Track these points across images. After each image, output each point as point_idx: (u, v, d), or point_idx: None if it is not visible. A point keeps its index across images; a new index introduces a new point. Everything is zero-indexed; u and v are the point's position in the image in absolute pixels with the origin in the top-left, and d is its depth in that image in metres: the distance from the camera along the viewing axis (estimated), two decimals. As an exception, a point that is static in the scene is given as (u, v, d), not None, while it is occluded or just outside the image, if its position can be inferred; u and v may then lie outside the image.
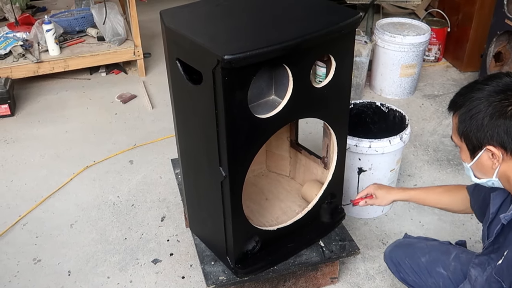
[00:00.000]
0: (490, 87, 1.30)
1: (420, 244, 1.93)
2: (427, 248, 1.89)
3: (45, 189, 2.90)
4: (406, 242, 1.99)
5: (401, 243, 1.99)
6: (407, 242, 1.98)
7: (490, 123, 1.28)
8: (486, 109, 1.28)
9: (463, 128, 1.35)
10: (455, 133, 1.40)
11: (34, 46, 3.90)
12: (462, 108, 1.34)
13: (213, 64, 1.47)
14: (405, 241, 1.99)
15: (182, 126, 1.94)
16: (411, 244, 1.95)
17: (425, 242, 1.94)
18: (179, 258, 2.43)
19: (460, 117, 1.35)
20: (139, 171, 3.05)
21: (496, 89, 1.29)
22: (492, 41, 3.55)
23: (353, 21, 1.72)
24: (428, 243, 1.92)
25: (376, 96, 3.84)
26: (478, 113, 1.30)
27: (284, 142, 2.38)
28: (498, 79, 1.32)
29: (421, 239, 1.98)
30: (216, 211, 1.85)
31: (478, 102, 1.30)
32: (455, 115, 1.39)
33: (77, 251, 2.49)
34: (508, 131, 1.27)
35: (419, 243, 1.94)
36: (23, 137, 3.40)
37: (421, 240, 1.96)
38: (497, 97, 1.28)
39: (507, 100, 1.27)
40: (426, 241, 1.95)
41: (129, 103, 3.80)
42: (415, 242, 1.95)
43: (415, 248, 1.91)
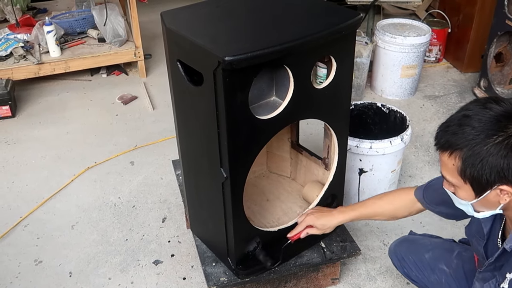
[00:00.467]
0: (488, 124, 1.22)
1: (424, 240, 1.95)
2: (430, 245, 1.91)
3: (46, 190, 2.90)
4: (410, 238, 2.01)
5: (405, 239, 2.01)
6: (412, 239, 2.00)
7: (505, 163, 1.21)
8: (497, 151, 1.21)
9: (471, 172, 1.26)
10: (453, 174, 1.31)
11: (35, 48, 3.90)
12: (464, 150, 1.24)
13: (214, 65, 1.47)
14: (410, 237, 2.01)
15: (183, 128, 1.94)
16: (416, 240, 1.98)
17: (429, 239, 1.96)
18: (180, 259, 2.43)
19: (465, 160, 1.25)
20: (140, 172, 3.05)
21: (497, 125, 1.21)
22: (492, 41, 3.55)
23: (353, 22, 1.72)
24: (432, 240, 1.95)
25: (377, 97, 3.84)
26: (488, 156, 1.21)
27: (285, 143, 2.38)
28: (489, 110, 1.24)
29: (425, 236, 1.99)
30: (217, 212, 1.85)
31: (483, 143, 1.22)
32: (451, 156, 1.28)
33: (78, 252, 2.49)
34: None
35: (423, 239, 1.96)
36: (24, 138, 3.40)
37: (425, 237, 1.98)
38: (502, 134, 1.20)
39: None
40: (430, 238, 1.97)
41: (130, 104, 3.80)
42: (419, 239, 1.97)
43: (419, 244, 1.93)
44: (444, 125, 1.32)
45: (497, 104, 1.24)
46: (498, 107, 1.24)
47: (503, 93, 3.56)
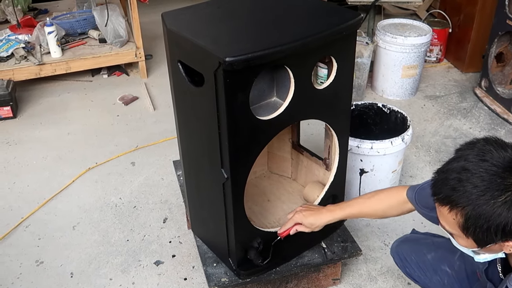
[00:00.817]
0: (490, 178, 1.16)
1: (427, 240, 1.91)
2: (433, 245, 1.87)
3: (47, 191, 2.90)
4: (413, 237, 1.98)
5: (408, 238, 1.98)
6: (414, 238, 1.97)
7: (510, 222, 1.16)
8: (500, 211, 1.15)
9: (475, 231, 1.21)
10: (453, 226, 1.26)
11: (36, 48, 3.91)
12: (466, 209, 1.19)
13: (214, 66, 1.47)
14: (412, 237, 1.99)
15: (184, 128, 1.94)
16: (418, 240, 1.95)
17: (431, 238, 1.92)
18: (181, 260, 2.43)
19: (469, 219, 1.20)
20: (141, 172, 3.05)
21: (502, 184, 1.15)
22: (493, 41, 3.55)
23: (354, 23, 1.72)
24: (434, 239, 1.90)
25: (378, 97, 3.84)
26: (497, 216, 1.16)
27: (286, 144, 2.39)
28: (489, 159, 1.18)
29: (427, 236, 1.96)
30: (218, 212, 1.85)
31: (487, 205, 1.16)
32: (452, 211, 1.23)
33: (80, 252, 2.49)
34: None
35: (425, 239, 1.92)
36: (25, 139, 3.41)
37: (428, 237, 1.94)
38: (505, 191, 1.15)
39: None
40: (433, 237, 1.92)
41: (131, 105, 3.80)
42: (422, 238, 1.94)
43: (422, 244, 1.91)
44: (442, 175, 1.25)
45: (496, 154, 1.18)
46: (498, 158, 1.18)
47: (504, 93, 3.56)
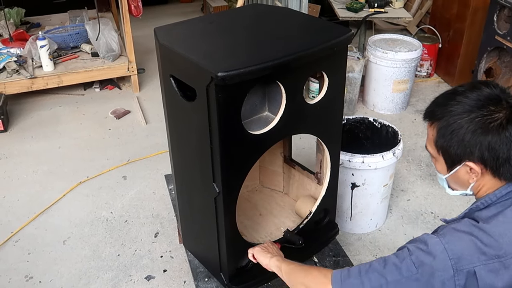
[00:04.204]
0: (470, 101, 1.27)
1: None
2: None
3: (37, 205, 2.88)
4: None
5: None
6: None
7: (472, 139, 1.25)
8: (467, 125, 1.25)
9: (442, 143, 1.31)
10: (431, 144, 1.37)
11: (28, 62, 3.90)
12: (441, 121, 1.30)
13: (207, 81, 1.48)
14: None
15: (176, 142, 1.94)
16: None
17: None
18: (173, 275, 2.41)
19: (439, 131, 1.31)
20: (133, 186, 3.04)
21: (477, 104, 1.26)
22: (482, 57, 3.59)
23: (345, 39, 1.74)
24: None
25: (369, 111, 3.87)
26: (459, 129, 1.26)
27: (278, 158, 2.39)
28: (478, 91, 1.28)
29: None
30: (210, 227, 1.85)
31: (458, 117, 1.26)
32: (432, 126, 1.35)
33: (70, 267, 2.47)
34: (490, 147, 1.24)
35: None
36: (16, 153, 3.39)
37: None
38: (479, 112, 1.25)
39: (490, 115, 1.24)
40: None
41: (122, 119, 3.80)
42: None
43: None
44: (437, 97, 1.37)
45: (487, 87, 1.28)
46: (487, 89, 1.28)
47: (494, 107, 3.59)
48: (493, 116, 1.24)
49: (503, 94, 1.28)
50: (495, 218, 1.27)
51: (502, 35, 3.36)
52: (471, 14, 3.86)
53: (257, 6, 2.40)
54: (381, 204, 2.61)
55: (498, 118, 1.24)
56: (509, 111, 1.25)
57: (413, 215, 2.78)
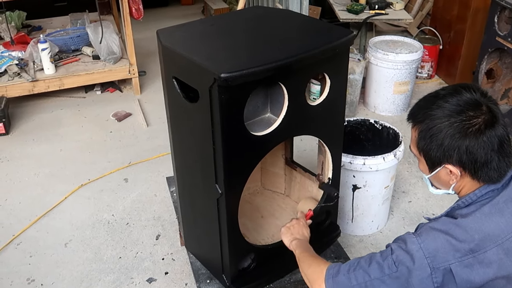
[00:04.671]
0: (450, 105, 1.29)
1: None
2: None
3: (39, 208, 2.88)
4: None
5: None
6: None
7: (451, 143, 1.28)
8: (446, 130, 1.28)
9: (422, 145, 1.35)
10: (414, 145, 1.41)
11: (29, 65, 3.91)
12: (422, 124, 1.34)
13: (210, 82, 1.48)
14: None
15: (178, 144, 1.94)
16: None
17: None
18: (174, 277, 2.41)
19: (420, 133, 1.35)
20: (134, 189, 3.04)
21: (457, 109, 1.28)
22: (483, 58, 3.59)
23: (346, 40, 1.75)
24: None
25: (370, 113, 3.87)
26: (438, 133, 1.30)
27: (279, 160, 2.39)
28: (458, 95, 1.30)
29: None
30: (212, 228, 1.85)
31: (438, 121, 1.30)
32: (414, 128, 1.39)
33: (71, 270, 2.47)
34: (468, 151, 1.27)
35: None
36: (18, 155, 3.39)
37: None
38: (458, 117, 1.27)
39: (468, 120, 1.27)
40: None
41: (124, 121, 3.80)
42: None
43: None
44: (420, 100, 1.40)
45: (467, 91, 1.31)
46: (467, 94, 1.30)
47: (495, 109, 3.59)
48: (471, 121, 1.27)
49: (483, 98, 1.31)
50: (472, 214, 1.31)
51: (503, 36, 3.36)
52: (472, 15, 3.86)
53: (258, 8, 2.41)
54: (382, 206, 2.61)
55: (476, 123, 1.27)
56: (488, 115, 1.27)
57: (415, 217, 2.78)
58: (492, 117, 1.28)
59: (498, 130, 1.27)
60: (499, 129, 1.28)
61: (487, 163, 1.29)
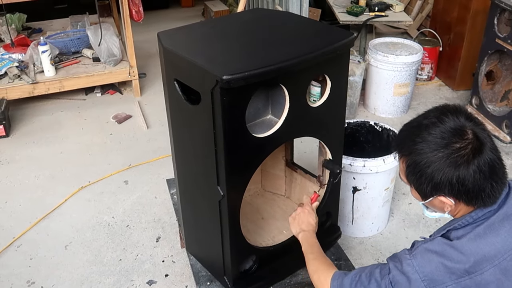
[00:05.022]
0: (435, 138, 1.26)
1: None
2: None
3: (39, 210, 2.88)
4: None
5: None
6: None
7: (441, 178, 1.25)
8: (434, 165, 1.25)
9: (412, 179, 1.33)
10: (403, 176, 1.38)
11: (30, 67, 3.91)
12: (409, 158, 1.31)
13: (211, 84, 1.48)
14: None
15: (179, 146, 1.94)
16: None
17: None
18: (174, 279, 2.41)
19: (408, 167, 1.32)
20: (134, 191, 3.04)
21: (442, 142, 1.25)
22: (483, 60, 3.60)
23: (347, 42, 1.75)
24: None
25: (370, 115, 3.87)
26: (426, 168, 1.27)
27: (280, 161, 2.39)
28: (442, 125, 1.26)
29: None
30: (214, 230, 1.85)
31: (425, 156, 1.26)
32: (401, 159, 1.36)
33: (72, 272, 2.47)
34: (460, 183, 1.24)
35: None
36: (18, 158, 3.39)
37: None
38: (444, 151, 1.24)
39: (456, 153, 1.23)
40: None
41: (124, 123, 3.80)
42: None
43: None
44: (403, 128, 1.38)
45: (450, 118, 1.27)
46: (450, 121, 1.27)
47: (495, 110, 3.60)
48: (459, 153, 1.23)
49: (468, 121, 1.27)
50: (467, 235, 1.29)
51: (502, 38, 3.36)
52: (472, 17, 3.87)
53: (258, 10, 2.41)
54: (382, 207, 2.61)
55: (464, 154, 1.23)
56: (475, 143, 1.24)
57: (415, 219, 2.78)
58: (479, 143, 1.24)
59: (487, 155, 1.24)
60: (488, 154, 1.24)
61: (480, 192, 1.26)
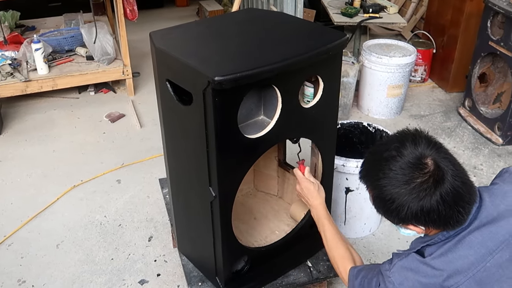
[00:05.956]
0: (396, 175, 1.27)
1: None
2: None
3: (31, 208, 2.87)
4: None
5: None
6: None
7: (407, 212, 1.27)
8: (398, 200, 1.27)
9: (380, 211, 1.36)
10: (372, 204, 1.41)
11: (23, 65, 3.89)
12: (374, 191, 1.34)
13: (203, 85, 1.48)
14: None
15: (171, 146, 1.94)
16: None
17: None
18: (166, 279, 2.41)
19: (374, 200, 1.36)
20: (127, 190, 3.03)
21: (403, 178, 1.26)
22: (476, 62, 3.62)
23: (340, 43, 1.75)
24: None
25: (364, 116, 3.88)
26: (391, 203, 1.29)
27: (272, 162, 2.39)
28: (401, 159, 1.28)
29: None
30: (206, 231, 1.85)
31: (388, 193, 1.28)
32: (367, 189, 1.39)
33: (63, 272, 2.46)
34: (425, 214, 1.26)
35: None
36: (10, 156, 3.37)
37: None
38: (406, 188, 1.26)
39: (419, 187, 1.25)
40: None
41: (117, 122, 3.79)
42: None
43: None
44: (368, 157, 1.40)
45: (409, 150, 1.29)
46: (408, 154, 1.28)
47: (487, 112, 3.62)
48: (421, 188, 1.25)
49: (428, 149, 1.28)
50: (439, 251, 1.33)
51: (495, 41, 3.38)
52: (465, 20, 3.89)
53: (253, 10, 2.41)
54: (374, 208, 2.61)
55: (426, 188, 1.24)
56: (435, 174, 1.25)
57: (407, 220, 2.79)
58: (441, 173, 1.25)
59: (449, 185, 1.24)
60: (450, 183, 1.24)
61: (447, 219, 1.27)
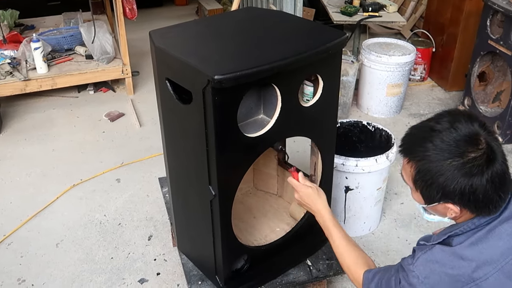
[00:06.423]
0: (448, 146, 1.24)
1: None
2: None
3: (30, 208, 2.87)
4: None
5: None
6: None
7: (454, 187, 1.24)
8: (447, 173, 1.24)
9: (421, 184, 1.31)
10: (409, 179, 1.35)
11: (22, 64, 3.89)
12: (419, 163, 1.29)
13: (203, 84, 1.48)
14: None
15: (171, 145, 1.94)
16: None
17: None
18: (166, 278, 2.41)
19: (418, 173, 1.30)
20: (126, 189, 3.03)
21: (456, 150, 1.23)
22: (476, 61, 3.62)
23: (339, 42, 1.75)
24: None
25: (363, 115, 3.88)
26: (439, 176, 1.25)
27: (272, 161, 2.39)
28: (455, 132, 1.25)
29: None
30: (205, 230, 1.85)
31: (437, 163, 1.25)
32: (409, 163, 1.33)
33: (63, 271, 2.46)
34: (471, 193, 1.23)
35: None
36: (9, 155, 3.37)
37: None
38: (459, 160, 1.22)
39: (471, 162, 1.22)
40: None
41: (117, 121, 3.79)
42: None
43: None
44: (413, 130, 1.36)
45: (464, 125, 1.26)
46: (464, 128, 1.25)
47: (486, 111, 3.62)
48: (474, 163, 1.22)
49: (481, 129, 1.26)
50: (469, 240, 1.29)
51: (495, 39, 3.38)
52: (465, 18, 3.89)
53: (252, 9, 2.40)
54: (374, 207, 2.62)
55: (479, 165, 1.22)
56: (488, 153, 1.23)
57: (407, 219, 2.79)
58: (493, 154, 1.23)
59: (499, 166, 1.24)
60: (500, 165, 1.24)
61: (488, 202, 1.25)
